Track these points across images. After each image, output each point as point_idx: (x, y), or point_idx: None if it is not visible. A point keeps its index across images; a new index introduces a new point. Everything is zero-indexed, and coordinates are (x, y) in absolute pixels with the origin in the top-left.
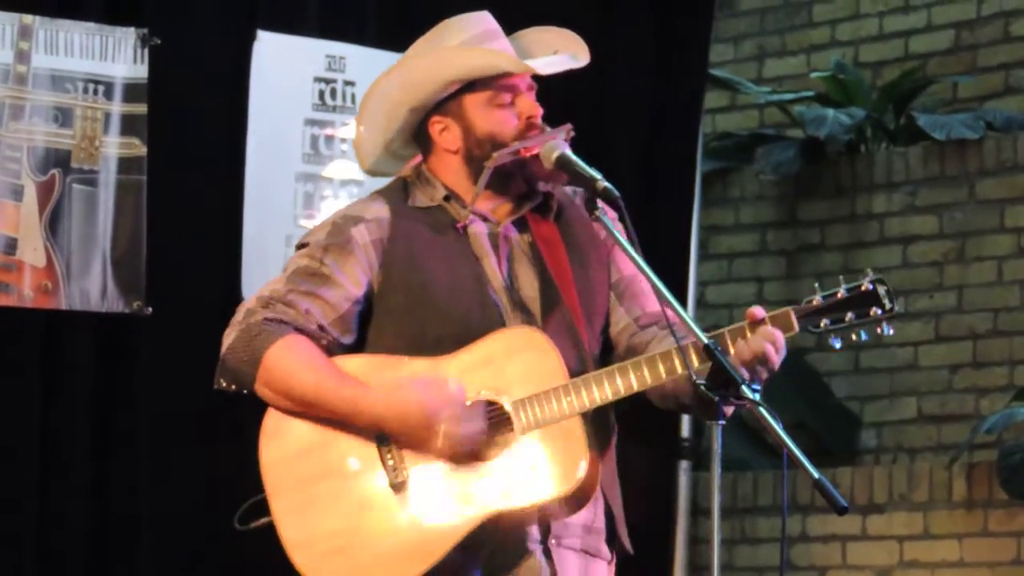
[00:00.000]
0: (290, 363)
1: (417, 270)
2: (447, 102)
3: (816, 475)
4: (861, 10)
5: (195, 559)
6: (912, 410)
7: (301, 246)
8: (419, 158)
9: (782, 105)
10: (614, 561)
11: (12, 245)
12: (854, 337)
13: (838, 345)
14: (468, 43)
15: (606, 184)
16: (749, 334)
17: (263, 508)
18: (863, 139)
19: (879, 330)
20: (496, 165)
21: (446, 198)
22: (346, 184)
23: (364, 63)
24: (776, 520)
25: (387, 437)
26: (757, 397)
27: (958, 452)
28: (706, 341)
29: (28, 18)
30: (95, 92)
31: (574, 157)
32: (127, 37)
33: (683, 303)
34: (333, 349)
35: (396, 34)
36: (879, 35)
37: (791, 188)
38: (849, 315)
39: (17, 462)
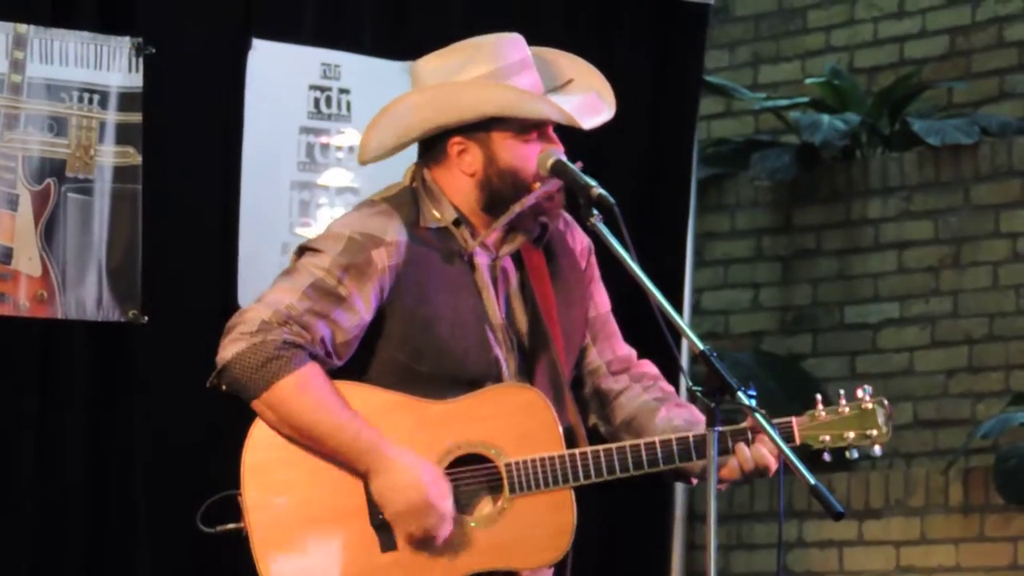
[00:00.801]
0: (307, 399)
1: (424, 303)
2: (473, 127)
3: (812, 481)
4: (856, 16)
5: (192, 568)
6: (908, 415)
7: (310, 250)
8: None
9: (777, 111)
10: None
11: (7, 255)
12: (847, 455)
13: (828, 458)
14: (500, 73)
15: (601, 191)
16: (752, 441)
17: (230, 508)
18: (858, 145)
19: (870, 450)
20: (524, 208)
21: (456, 222)
22: (342, 192)
23: (359, 71)
24: (773, 526)
25: None
26: (754, 403)
27: (954, 457)
28: (702, 347)
29: (23, 27)
30: (90, 101)
31: (570, 165)
32: (122, 46)
33: (679, 310)
34: (329, 371)
35: (391, 42)
36: (874, 41)
37: (786, 194)
38: (848, 433)
39: (13, 470)
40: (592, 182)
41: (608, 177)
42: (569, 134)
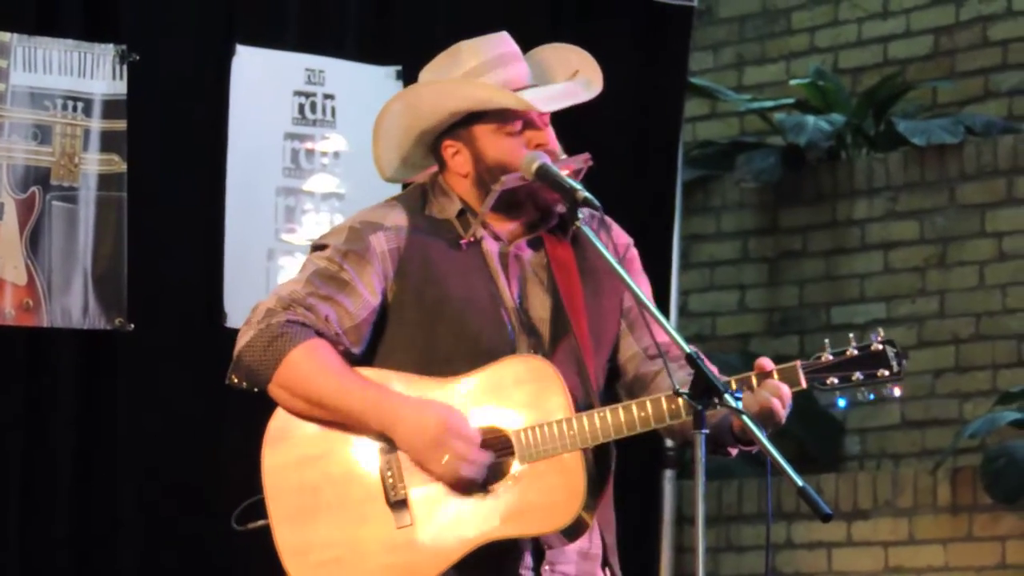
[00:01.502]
0: (313, 365)
1: (432, 284)
2: (458, 128)
3: (800, 483)
4: (840, 17)
5: (179, 572)
6: (896, 416)
7: (318, 247)
8: (435, 167)
9: (762, 112)
10: None
11: None
12: (859, 397)
13: (843, 404)
14: (481, 68)
15: (586, 194)
16: (756, 385)
17: (261, 509)
18: (843, 145)
19: (885, 391)
20: (503, 189)
21: (461, 212)
22: (327, 198)
23: (343, 76)
24: (761, 528)
25: (391, 452)
26: (740, 406)
27: (942, 457)
28: (688, 350)
29: (6, 35)
30: (74, 109)
31: (554, 168)
32: (106, 54)
33: (665, 312)
34: (345, 358)
35: (375, 47)
36: (858, 41)
37: (772, 195)
38: (857, 374)
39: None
40: (577, 185)
41: (593, 179)
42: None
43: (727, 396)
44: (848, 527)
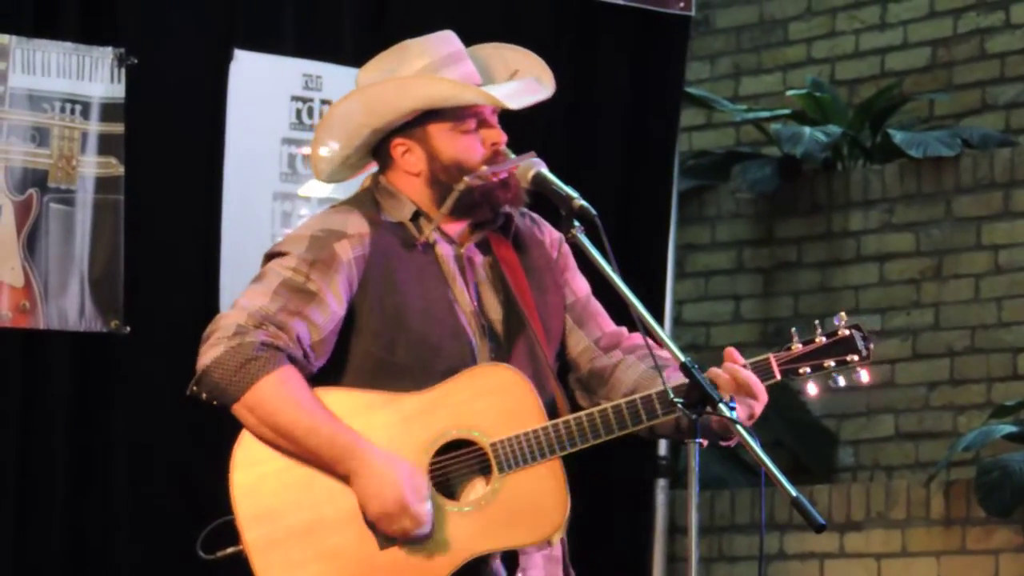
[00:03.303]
0: (284, 397)
1: (392, 292)
2: (410, 126)
3: (794, 493)
4: (837, 28)
5: None
6: (889, 428)
7: (276, 255)
8: (372, 167)
9: (758, 123)
10: None
11: None
12: (830, 384)
13: (813, 392)
14: (432, 67)
15: (583, 202)
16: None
17: (228, 532)
18: (839, 157)
19: (854, 375)
20: (463, 189)
21: (415, 215)
22: (323, 203)
23: (341, 82)
24: (754, 538)
25: None
26: (734, 415)
27: (936, 470)
28: (683, 359)
29: (4, 38)
30: (72, 111)
31: (551, 175)
32: (104, 57)
33: (660, 321)
34: (309, 378)
35: (372, 53)
36: (855, 53)
37: (767, 206)
38: (828, 362)
39: None
40: (574, 193)
41: (589, 189)
42: (548, 146)
43: (721, 406)
44: (841, 538)
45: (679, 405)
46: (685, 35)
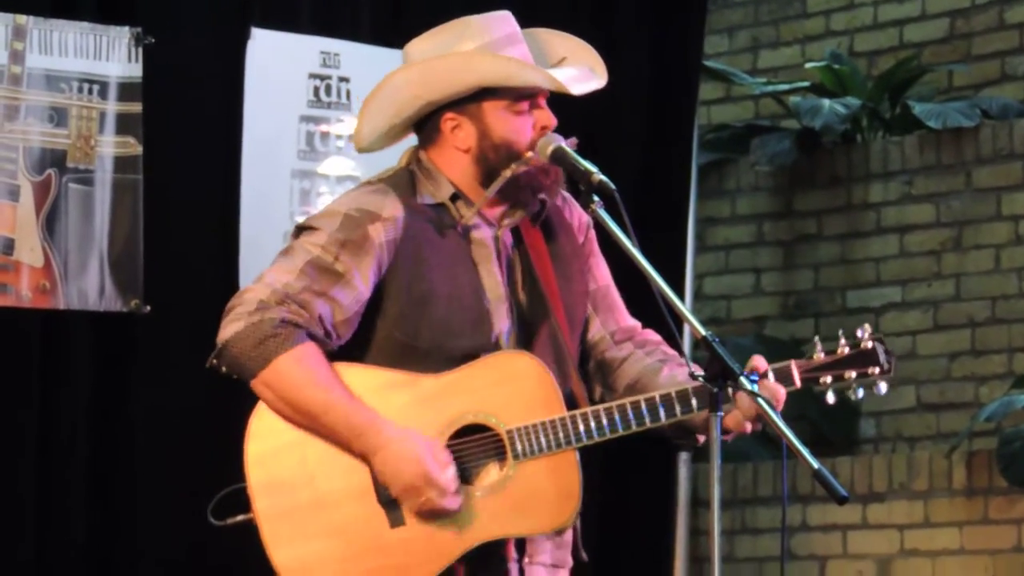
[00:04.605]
0: (302, 374)
1: (420, 279)
2: (464, 102)
3: (816, 465)
4: (855, 0)
5: (195, 555)
6: (911, 399)
7: (306, 229)
8: (406, 141)
9: (777, 96)
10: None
11: (9, 246)
12: (849, 395)
13: (832, 400)
14: (490, 47)
15: (602, 177)
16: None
17: (239, 500)
18: (859, 129)
19: (874, 388)
20: (509, 177)
21: (453, 196)
22: (342, 180)
23: (358, 59)
24: (776, 510)
25: None
26: (756, 388)
27: (957, 440)
28: (704, 333)
29: (22, 18)
30: (90, 92)
31: (570, 150)
32: (121, 36)
33: (680, 295)
34: (330, 353)
35: (390, 30)
36: (874, 24)
37: (787, 179)
38: (850, 373)
39: (16, 461)
40: (593, 168)
41: (608, 164)
42: (568, 120)
43: (743, 379)
44: (863, 510)
45: (700, 379)
46: (703, 8)
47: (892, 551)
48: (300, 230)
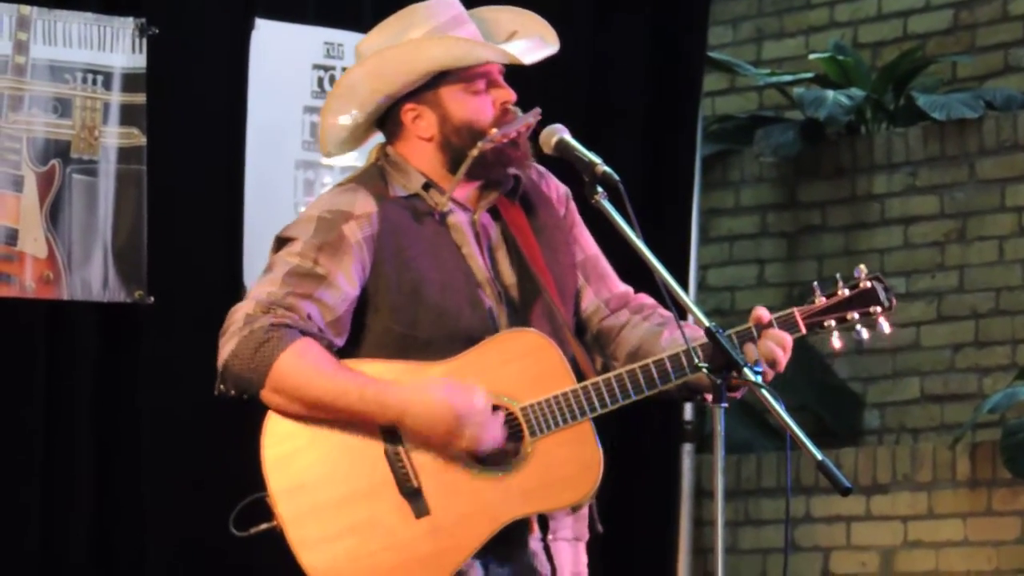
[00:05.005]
0: (305, 368)
1: (408, 268)
2: (421, 90)
3: (819, 456)
4: None
5: (197, 549)
6: (915, 390)
7: (285, 240)
8: (373, 140)
9: (781, 87)
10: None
11: (13, 236)
12: (853, 336)
13: (838, 345)
14: (437, 31)
15: (606, 168)
16: (757, 336)
17: (259, 509)
18: (863, 120)
19: (877, 327)
20: (476, 156)
21: (425, 186)
22: (346, 171)
23: None
24: (780, 501)
25: (396, 442)
26: (759, 379)
27: (961, 432)
28: (707, 324)
29: (26, 9)
30: (94, 82)
31: (574, 141)
32: (125, 27)
33: (684, 286)
34: (329, 350)
35: None
36: (878, 16)
37: (791, 170)
38: (852, 314)
39: (19, 452)
40: (597, 159)
41: (611, 154)
42: (571, 112)
43: (746, 370)
44: (867, 501)
45: (705, 371)
46: None
47: (896, 543)
48: (278, 242)
